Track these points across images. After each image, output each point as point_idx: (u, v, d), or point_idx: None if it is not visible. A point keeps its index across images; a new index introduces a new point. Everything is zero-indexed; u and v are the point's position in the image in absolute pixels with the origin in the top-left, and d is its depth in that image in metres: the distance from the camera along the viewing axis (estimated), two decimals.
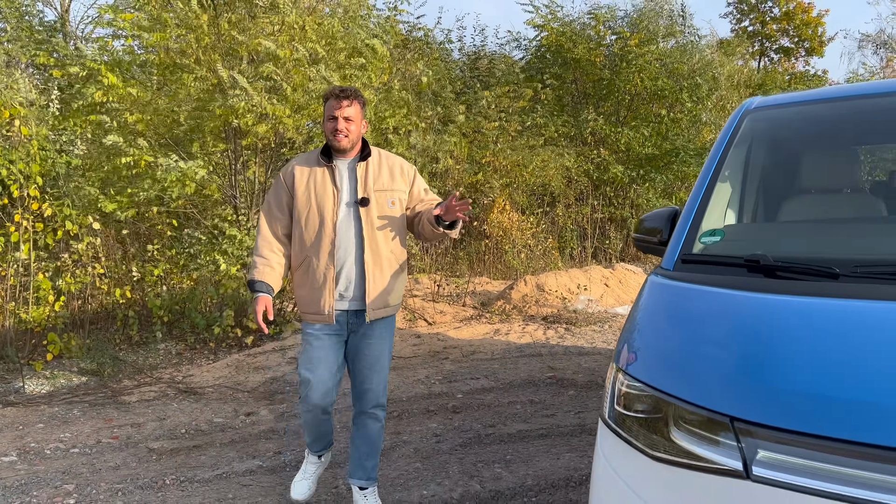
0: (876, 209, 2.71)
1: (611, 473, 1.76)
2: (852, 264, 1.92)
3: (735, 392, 1.55)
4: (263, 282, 3.03)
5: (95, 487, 3.60)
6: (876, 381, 1.44)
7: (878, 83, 2.82)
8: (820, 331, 1.66)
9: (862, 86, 2.87)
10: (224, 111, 6.59)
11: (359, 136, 3.08)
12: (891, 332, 1.59)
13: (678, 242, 2.35)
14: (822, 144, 2.79)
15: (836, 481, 1.37)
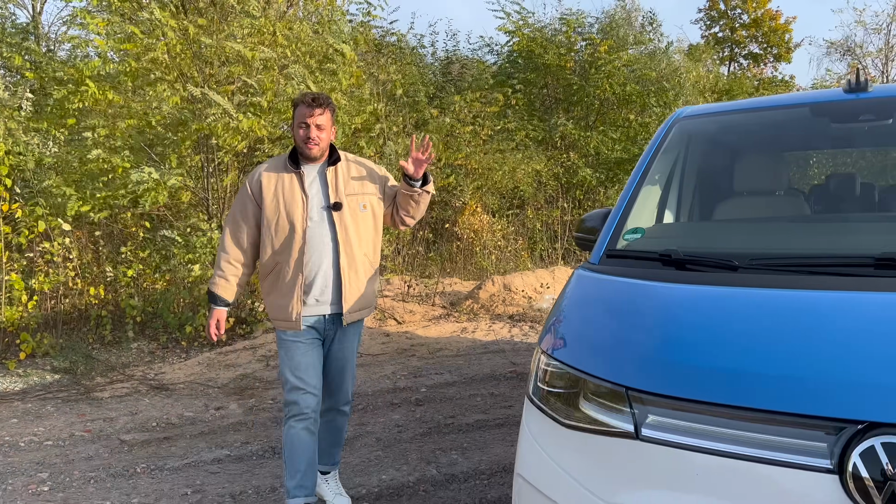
0: (797, 210, 2.97)
1: (531, 442, 1.99)
2: (750, 258, 2.17)
3: (631, 366, 1.78)
4: (220, 296, 3.11)
5: (69, 475, 3.77)
6: (750, 353, 1.69)
7: (796, 94, 3.10)
8: (708, 313, 1.90)
9: (782, 97, 3.14)
10: (200, 127, 6.77)
11: (328, 143, 3.09)
12: (769, 314, 1.84)
13: (605, 239, 2.59)
14: (744, 150, 3.05)
15: (711, 439, 1.60)
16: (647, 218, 2.89)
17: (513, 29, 15.15)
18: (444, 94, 14.32)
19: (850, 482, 1.42)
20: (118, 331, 7.08)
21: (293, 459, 3.05)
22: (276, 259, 3.05)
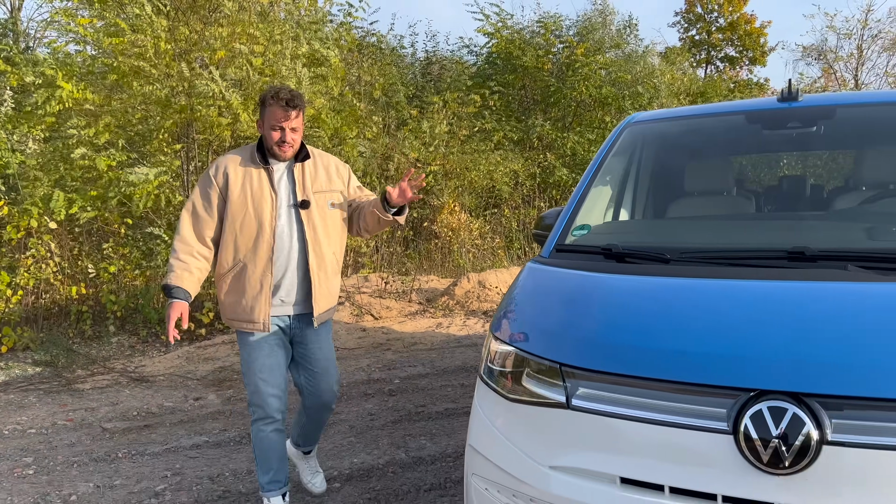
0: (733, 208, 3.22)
1: (481, 416, 2.21)
2: (680, 251, 2.41)
3: (565, 346, 2.01)
4: (181, 287, 2.86)
5: (52, 460, 3.94)
6: (665, 333, 1.92)
7: (735, 103, 3.35)
8: (635, 300, 2.13)
9: (723, 105, 3.40)
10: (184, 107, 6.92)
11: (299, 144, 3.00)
12: (688, 300, 2.08)
13: (555, 235, 2.82)
14: (687, 154, 3.30)
15: (630, 407, 1.83)
16: (596, 216, 3.12)
17: (492, 31, 15.39)
18: (424, 94, 14.52)
19: (742, 442, 1.65)
20: (98, 326, 7.21)
21: (265, 459, 3.05)
22: (240, 257, 2.90)
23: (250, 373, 2.97)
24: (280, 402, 3.01)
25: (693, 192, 3.20)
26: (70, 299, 7.31)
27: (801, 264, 2.16)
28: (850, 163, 3.03)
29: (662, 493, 1.73)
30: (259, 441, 3.03)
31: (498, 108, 14.80)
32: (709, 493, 1.68)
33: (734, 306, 1.97)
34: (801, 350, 1.72)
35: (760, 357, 1.73)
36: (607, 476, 1.81)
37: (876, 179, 2.94)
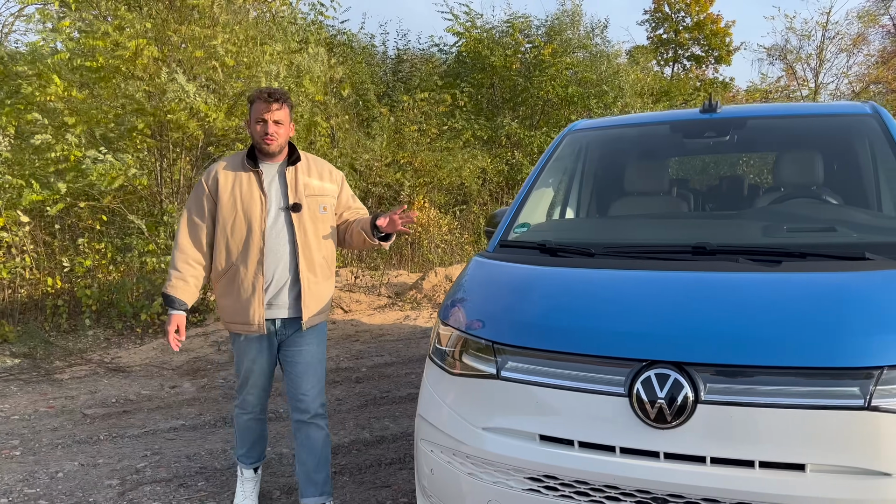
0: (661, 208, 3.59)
1: (429, 390, 2.54)
2: (604, 246, 2.77)
3: (496, 327, 2.35)
4: (178, 298, 2.96)
5: (38, 443, 4.20)
6: (579, 314, 2.28)
7: (664, 113, 3.73)
8: (558, 287, 2.49)
9: (653, 115, 3.78)
10: (156, 110, 7.15)
11: (287, 140, 3.02)
12: (603, 287, 2.44)
13: (500, 232, 3.17)
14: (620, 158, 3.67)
15: (548, 376, 2.17)
16: (539, 215, 3.48)
17: (461, 31, 15.71)
18: (395, 92, 14.80)
19: (635, 403, 2.01)
20: (74, 319, 7.42)
21: (242, 437, 3.27)
22: (232, 260, 2.95)
23: (238, 369, 3.13)
24: (256, 400, 3.17)
25: (625, 193, 3.57)
26: (46, 294, 7.50)
27: (701, 258, 2.53)
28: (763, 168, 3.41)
29: (573, 447, 2.08)
30: (238, 424, 3.26)
31: (468, 107, 15.13)
32: (609, 445, 2.03)
33: (639, 292, 2.34)
34: (683, 327, 2.09)
35: (651, 334, 2.09)
36: (529, 434, 2.16)
37: (782, 183, 3.33)
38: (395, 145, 12.76)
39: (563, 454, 2.09)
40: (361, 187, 11.70)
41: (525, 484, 2.14)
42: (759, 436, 1.90)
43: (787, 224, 2.78)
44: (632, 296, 2.33)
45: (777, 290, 2.22)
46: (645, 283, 2.40)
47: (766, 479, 1.87)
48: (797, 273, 2.31)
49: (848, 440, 1.85)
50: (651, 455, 1.99)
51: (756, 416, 1.91)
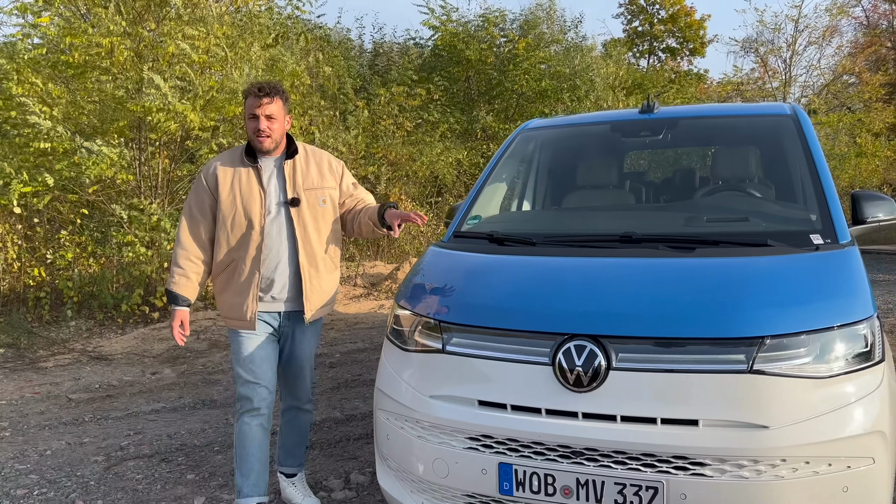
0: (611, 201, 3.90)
1: (385, 365, 2.84)
2: (544, 236, 3.08)
3: (443, 307, 2.65)
4: (181, 294, 2.96)
5: (26, 424, 4.45)
6: (513, 295, 2.58)
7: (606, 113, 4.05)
8: (499, 272, 2.80)
9: (597, 115, 4.09)
10: (136, 108, 7.36)
11: (282, 134, 2.98)
12: (538, 272, 2.74)
13: (454, 223, 3.47)
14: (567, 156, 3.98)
15: (486, 349, 2.47)
16: (493, 208, 3.78)
17: (437, 24, 15.94)
18: (371, 85, 15.02)
19: (557, 371, 2.32)
20: (56, 311, 7.62)
21: (246, 458, 2.98)
22: (232, 256, 2.95)
23: (238, 366, 2.98)
24: (266, 394, 2.98)
25: (571, 187, 3.89)
26: (27, 286, 7.70)
27: (627, 245, 2.85)
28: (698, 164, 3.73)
29: (506, 410, 2.39)
30: (242, 436, 2.98)
31: (443, 101, 15.38)
32: (536, 407, 2.35)
33: (567, 276, 2.65)
34: (599, 305, 2.41)
35: (572, 311, 2.41)
36: (469, 400, 2.46)
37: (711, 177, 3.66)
38: (370, 138, 13.00)
39: (497, 416, 2.40)
40: None
41: (465, 443, 2.45)
42: (660, 397, 2.22)
43: (707, 215, 3.11)
44: (560, 279, 2.64)
45: (685, 272, 2.55)
46: (573, 268, 2.72)
47: (666, 433, 2.19)
48: (707, 258, 2.64)
49: (734, 399, 2.17)
50: (570, 415, 2.31)
51: (658, 380, 2.24)
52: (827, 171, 3.08)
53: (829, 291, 2.43)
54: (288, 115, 3.01)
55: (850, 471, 2.16)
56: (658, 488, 2.18)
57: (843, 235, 2.78)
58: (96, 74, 7.53)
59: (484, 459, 2.40)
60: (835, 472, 2.15)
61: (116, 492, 3.46)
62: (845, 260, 2.60)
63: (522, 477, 2.34)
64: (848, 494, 2.16)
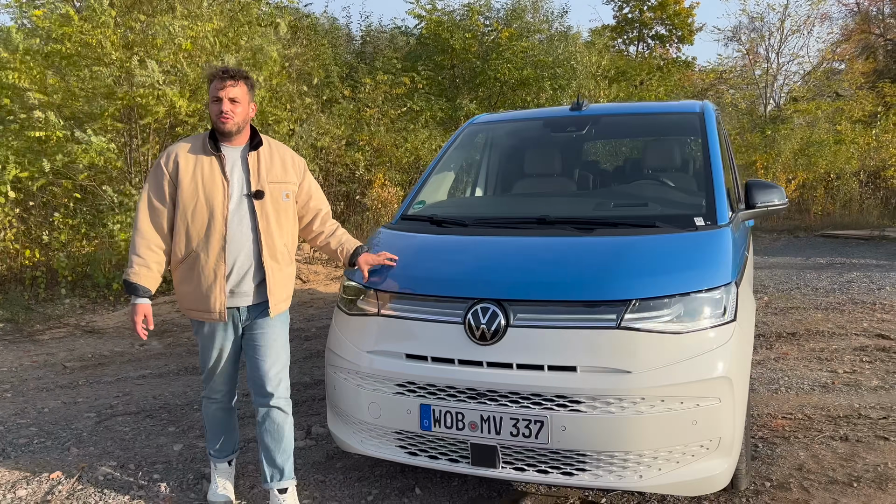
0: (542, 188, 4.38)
1: (334, 328, 3.33)
2: (475, 219, 3.57)
3: (380, 277, 3.14)
4: (141, 285, 2.89)
5: (25, 387, 4.95)
6: (437, 267, 3.08)
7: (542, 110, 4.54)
8: (431, 248, 3.29)
9: (534, 111, 4.57)
10: (125, 94, 7.80)
11: (246, 120, 2.93)
12: (464, 248, 3.24)
13: (403, 208, 3.96)
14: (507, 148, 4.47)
15: (413, 312, 2.96)
16: (441, 194, 4.27)
17: (423, 14, 16.32)
18: (358, 74, 15.42)
19: (467, 328, 2.82)
20: (51, 289, 8.10)
21: (212, 430, 3.23)
22: (192, 247, 2.89)
23: (203, 360, 3.09)
24: (224, 387, 3.13)
25: (510, 175, 4.39)
26: (24, 266, 8.17)
27: (542, 226, 3.35)
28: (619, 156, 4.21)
29: (427, 361, 2.89)
30: (206, 413, 3.22)
31: (428, 88, 15.79)
32: (450, 358, 2.84)
33: (483, 251, 3.15)
34: (502, 275, 2.91)
35: (480, 280, 2.91)
36: (398, 353, 2.96)
37: (630, 167, 4.15)
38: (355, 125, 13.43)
39: (419, 366, 2.90)
40: (322, 166, 12.41)
41: (394, 389, 2.95)
42: (547, 348, 2.72)
43: (616, 201, 3.61)
44: (476, 254, 3.15)
45: (579, 248, 3.05)
46: (490, 245, 3.22)
47: (550, 376, 2.70)
48: (601, 237, 3.14)
49: (604, 350, 2.68)
50: (477, 364, 2.81)
51: (546, 335, 2.74)
52: (718, 163, 3.57)
53: (695, 263, 2.93)
54: (252, 102, 2.96)
55: (698, 408, 2.67)
56: (544, 422, 2.69)
57: (721, 218, 3.28)
58: (87, 63, 7.97)
59: (409, 402, 2.91)
60: (686, 409, 2.66)
61: (106, 441, 3.96)
62: (717, 238, 3.10)
63: (439, 415, 2.85)
64: (697, 427, 2.67)
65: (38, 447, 3.88)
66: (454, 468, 2.89)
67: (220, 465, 3.25)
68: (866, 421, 4.05)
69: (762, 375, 4.93)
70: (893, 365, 5.11)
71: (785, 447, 3.70)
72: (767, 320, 6.59)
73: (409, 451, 2.98)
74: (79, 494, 3.29)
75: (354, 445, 3.14)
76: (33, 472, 3.54)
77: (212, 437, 3.23)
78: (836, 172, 18.59)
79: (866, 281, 8.51)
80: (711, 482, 2.74)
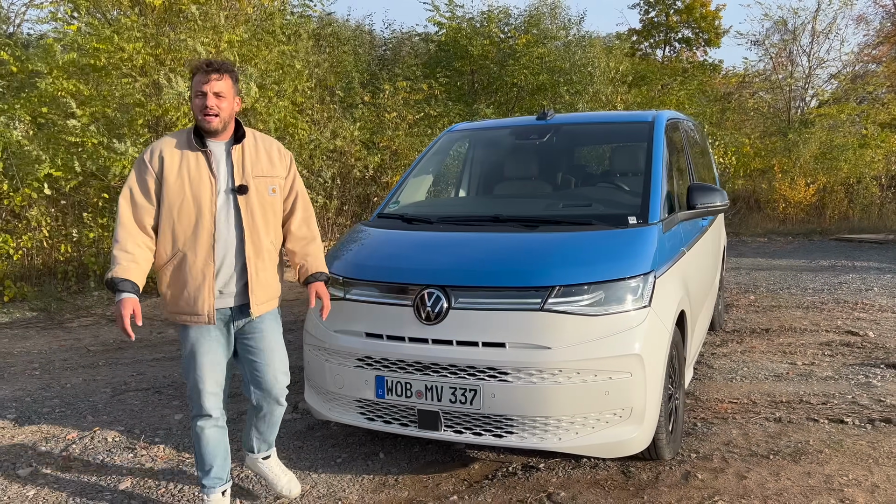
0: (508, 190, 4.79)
1: (310, 312, 3.79)
2: (439, 217, 4.01)
3: (347, 267, 3.60)
4: (128, 280, 2.70)
5: (52, 366, 5.53)
6: (398, 258, 3.53)
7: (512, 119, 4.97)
8: (397, 242, 3.74)
9: (505, 120, 5.01)
10: (154, 108, 8.41)
11: (231, 115, 2.83)
12: (425, 242, 3.68)
13: (381, 207, 4.42)
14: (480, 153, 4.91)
15: (373, 297, 3.42)
16: (420, 195, 4.72)
17: (442, 21, 16.81)
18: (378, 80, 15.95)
19: (416, 310, 3.26)
20: (81, 283, 8.74)
21: (203, 458, 2.99)
22: (179, 247, 2.78)
23: (190, 369, 2.90)
24: (218, 400, 2.95)
25: (481, 178, 4.82)
26: (58, 261, 8.83)
27: (494, 224, 3.78)
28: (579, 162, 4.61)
29: (382, 339, 3.34)
30: (197, 439, 2.98)
31: (448, 93, 16.25)
32: (401, 336, 3.28)
33: (436, 245, 3.60)
34: (447, 265, 3.35)
35: (429, 270, 3.35)
36: (359, 332, 3.41)
37: (585, 172, 4.55)
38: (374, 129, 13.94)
39: (376, 343, 3.35)
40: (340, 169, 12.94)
41: (355, 363, 3.41)
42: (481, 327, 3.15)
43: (565, 202, 4.02)
44: (431, 247, 3.60)
45: (520, 243, 3.48)
46: (444, 240, 3.67)
47: (483, 351, 3.12)
48: (542, 233, 3.56)
49: (529, 329, 3.10)
50: (423, 341, 3.25)
51: (481, 316, 3.17)
52: (659, 168, 3.96)
53: (619, 255, 3.33)
54: (237, 96, 2.86)
55: (611, 381, 3.07)
56: (477, 390, 3.12)
57: (653, 217, 3.67)
58: (118, 75, 8.60)
59: (366, 374, 3.36)
60: (599, 381, 3.07)
61: (118, 411, 4.49)
62: (642, 235, 3.50)
63: (391, 385, 3.30)
64: (609, 397, 3.08)
65: (58, 415, 4.43)
66: (405, 431, 3.33)
67: (213, 496, 3.04)
68: (805, 406, 4.39)
69: (724, 366, 5.27)
70: (852, 358, 5.42)
71: (721, 426, 4.07)
72: (746, 318, 6.91)
73: (367, 416, 3.44)
74: (90, 452, 3.81)
75: (324, 413, 3.61)
76: (53, 434, 4.08)
77: (203, 463, 3.01)
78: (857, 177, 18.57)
79: (858, 282, 8.74)
80: (624, 446, 3.14)
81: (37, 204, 8.38)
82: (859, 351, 5.60)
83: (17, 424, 4.27)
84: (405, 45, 18.58)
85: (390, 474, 3.54)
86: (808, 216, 17.82)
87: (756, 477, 3.38)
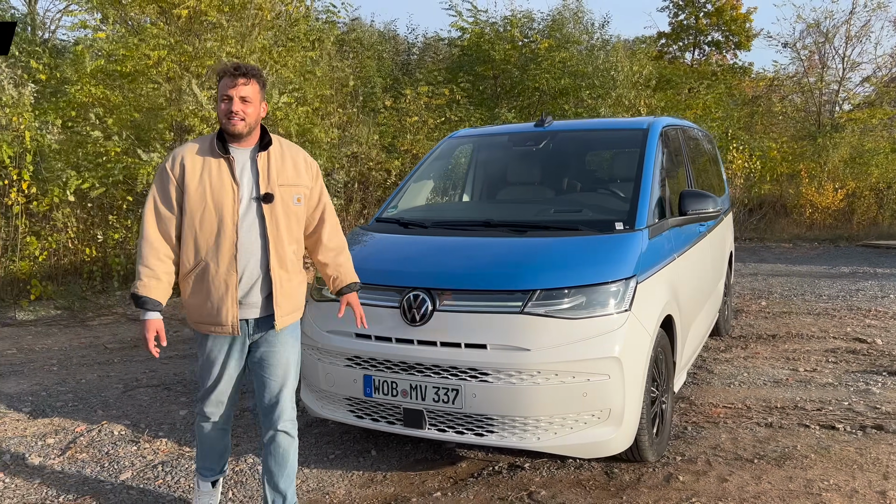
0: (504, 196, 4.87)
1: (306, 314, 3.92)
2: (433, 222, 4.12)
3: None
4: (151, 298, 2.74)
5: (70, 363, 5.75)
6: (391, 261, 3.64)
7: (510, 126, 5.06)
8: (388, 245, 3.86)
9: (503, 127, 5.10)
10: (174, 113, 8.67)
11: (257, 121, 2.75)
12: (416, 245, 3.79)
13: (380, 212, 4.54)
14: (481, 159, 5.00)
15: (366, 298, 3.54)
16: (420, 200, 4.84)
17: (465, 26, 16.94)
18: (401, 85, 16.13)
19: (402, 312, 3.37)
20: (105, 282, 9.02)
21: (202, 450, 3.08)
22: (201, 256, 2.72)
23: (205, 377, 2.91)
24: (222, 409, 2.95)
25: (481, 183, 4.92)
26: (83, 261, 9.13)
27: (486, 229, 3.88)
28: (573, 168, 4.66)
29: (370, 339, 3.46)
30: (199, 432, 3.04)
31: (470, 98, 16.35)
32: (388, 336, 3.40)
33: (426, 249, 3.70)
34: (433, 268, 3.45)
35: (416, 273, 3.45)
36: (349, 333, 3.53)
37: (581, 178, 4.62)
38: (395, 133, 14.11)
39: (365, 343, 3.47)
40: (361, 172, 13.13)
41: (345, 362, 3.53)
42: (464, 329, 3.25)
43: (557, 207, 4.10)
44: (420, 250, 3.71)
45: (507, 247, 3.57)
46: (435, 244, 3.77)
47: (466, 352, 3.22)
48: (532, 238, 3.65)
49: (509, 331, 3.18)
50: (409, 342, 3.35)
51: (464, 318, 3.26)
52: (650, 175, 4.02)
53: (602, 260, 3.40)
54: (264, 101, 2.79)
55: (589, 382, 3.15)
56: (459, 390, 3.22)
57: (640, 223, 3.73)
58: (143, 81, 8.88)
59: (355, 373, 3.48)
60: (577, 382, 3.14)
61: (128, 406, 4.68)
62: (627, 240, 3.56)
63: (378, 384, 3.41)
64: (587, 398, 3.15)
65: (70, 409, 4.63)
66: (391, 429, 3.44)
67: (204, 485, 3.10)
68: (799, 411, 4.40)
69: (724, 371, 5.29)
70: (856, 365, 5.39)
71: (711, 430, 4.10)
72: (755, 323, 6.89)
73: (356, 414, 3.55)
74: (96, 444, 3.99)
75: (316, 410, 3.74)
76: (63, 426, 4.28)
77: (201, 455, 3.09)
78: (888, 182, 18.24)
79: (876, 289, 8.64)
80: (602, 447, 3.21)
81: (61, 207, 8.67)
82: (864, 358, 5.57)
83: (30, 417, 4.48)
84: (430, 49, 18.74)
85: (379, 471, 3.65)
86: (836, 221, 17.54)
87: (737, 480, 3.42)
